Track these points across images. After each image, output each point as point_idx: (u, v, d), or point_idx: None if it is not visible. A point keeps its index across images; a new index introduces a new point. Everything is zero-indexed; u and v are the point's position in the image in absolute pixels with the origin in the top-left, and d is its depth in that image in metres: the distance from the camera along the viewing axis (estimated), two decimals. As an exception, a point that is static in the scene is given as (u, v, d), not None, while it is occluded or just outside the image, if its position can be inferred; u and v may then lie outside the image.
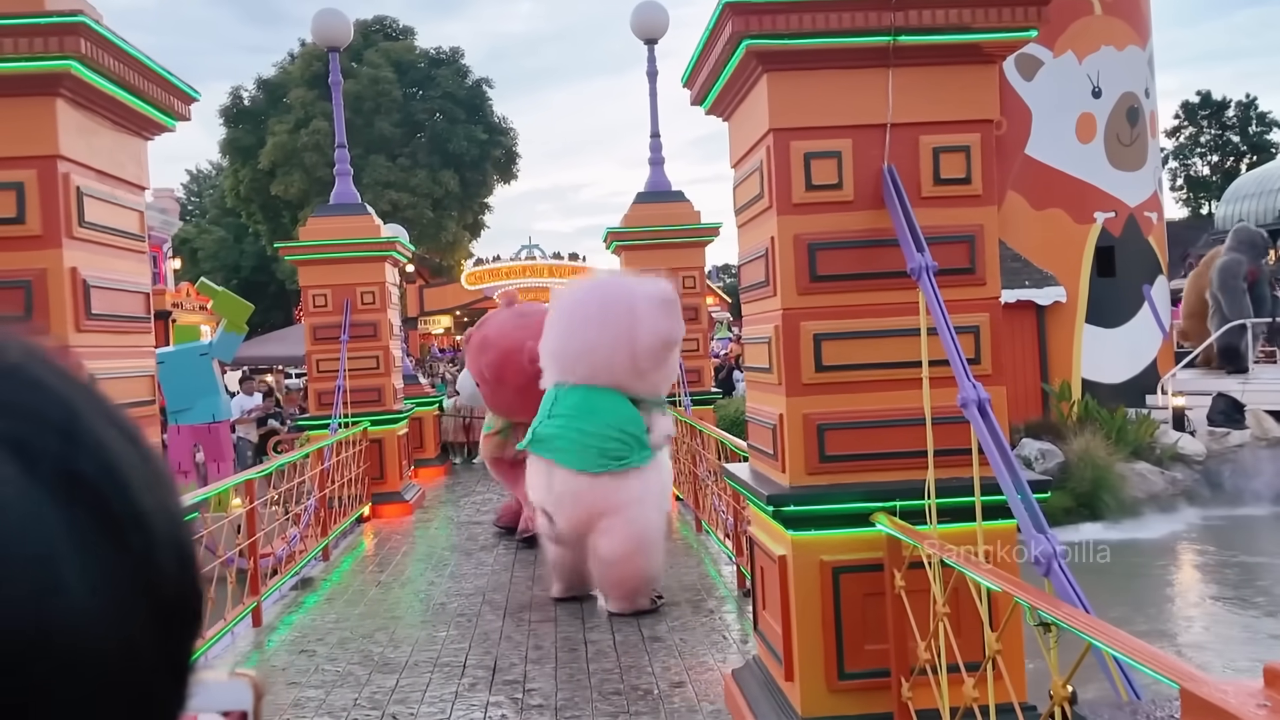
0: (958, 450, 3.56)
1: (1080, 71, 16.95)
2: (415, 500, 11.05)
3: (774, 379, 3.94)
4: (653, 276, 6.83)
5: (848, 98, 3.75)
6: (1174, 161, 49.13)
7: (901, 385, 3.73)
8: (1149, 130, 17.76)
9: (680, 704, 4.72)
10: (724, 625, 5.98)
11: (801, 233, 3.76)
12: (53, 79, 3.48)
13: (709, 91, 4.32)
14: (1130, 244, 17.20)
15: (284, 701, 4.98)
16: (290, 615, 6.69)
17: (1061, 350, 16.69)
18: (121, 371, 3.95)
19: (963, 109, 3.78)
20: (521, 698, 4.90)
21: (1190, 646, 8.66)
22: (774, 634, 4.07)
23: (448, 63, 34.65)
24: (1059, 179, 16.81)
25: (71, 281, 3.61)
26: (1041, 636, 2.53)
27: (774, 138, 3.77)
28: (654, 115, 11.71)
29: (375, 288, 10.77)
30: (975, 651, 3.39)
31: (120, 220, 4.02)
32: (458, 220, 34.02)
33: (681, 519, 9.43)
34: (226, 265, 41.58)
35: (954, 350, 3.32)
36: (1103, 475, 13.23)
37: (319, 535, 8.42)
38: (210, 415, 13.35)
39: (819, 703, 3.74)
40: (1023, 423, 14.45)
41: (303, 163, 31.06)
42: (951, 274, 3.68)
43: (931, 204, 3.76)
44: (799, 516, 3.77)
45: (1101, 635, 2.22)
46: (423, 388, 15.49)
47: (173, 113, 4.25)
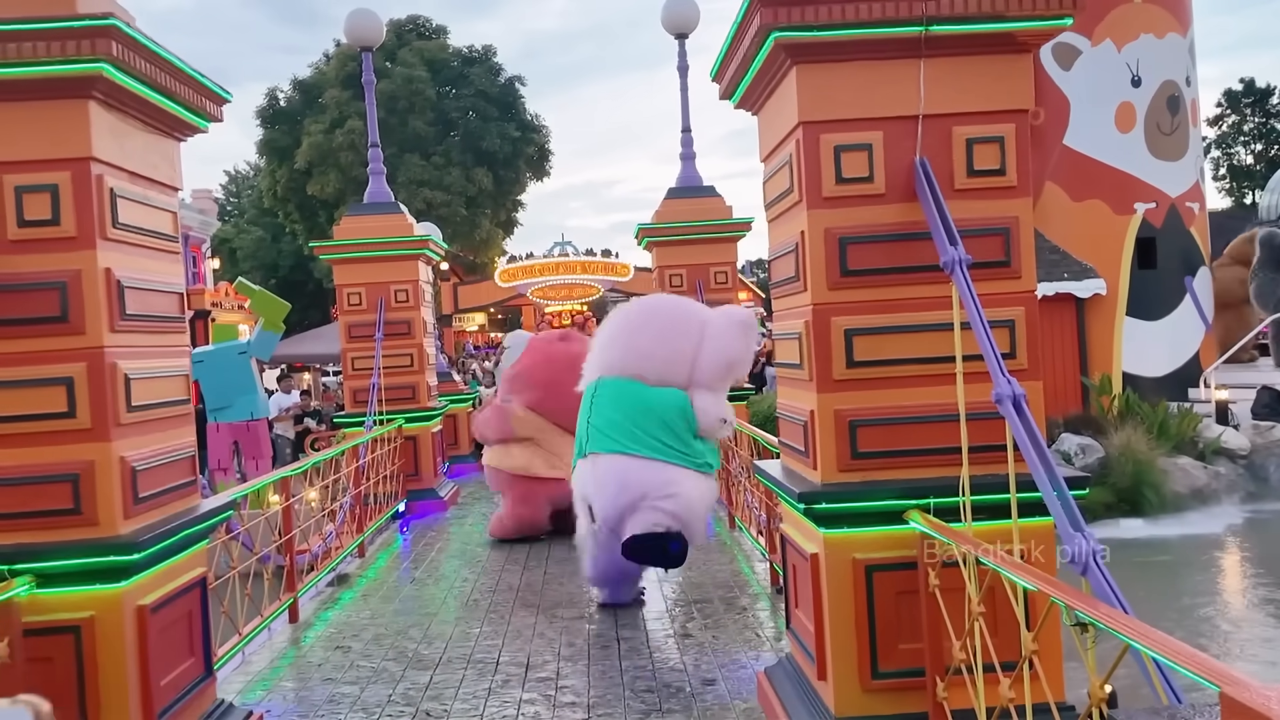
0: (993, 446, 3.50)
1: (1119, 60, 16.68)
2: (449, 497, 11.11)
3: (805, 375, 3.90)
4: (731, 306, 7.06)
5: (878, 89, 3.70)
6: (1216, 150, 48.25)
7: (935, 381, 3.68)
8: (1190, 119, 17.43)
9: (713, 701, 4.70)
10: (757, 622, 5.94)
11: (832, 226, 3.72)
12: (85, 82, 3.51)
13: (738, 85, 4.28)
14: (1172, 235, 16.91)
15: (320, 698, 5.02)
16: (326, 611, 6.75)
17: (1101, 343, 16.45)
18: (156, 371, 3.99)
19: (996, 99, 3.71)
20: (554, 695, 4.90)
21: (1232, 647, 8.49)
22: (807, 632, 4.03)
23: (480, 61, 34.81)
24: (1098, 169, 16.57)
25: (106, 282, 3.64)
26: (1079, 637, 2.48)
27: (803, 131, 3.72)
28: (685, 110, 11.68)
29: (409, 286, 10.83)
30: (1012, 651, 3.33)
31: (153, 221, 4.05)
32: (491, 218, 34.18)
33: (715, 515, 9.40)
34: (264, 264, 42.05)
35: (988, 345, 3.27)
36: (1144, 470, 13.02)
37: (355, 532, 8.48)
38: (249, 413, 13.54)
39: (853, 702, 3.70)
40: (1062, 417, 14.26)
41: (338, 162, 31.34)
42: (986, 267, 3.62)
43: (965, 196, 3.70)
44: (831, 514, 3.73)
45: (1140, 636, 2.17)
46: (456, 385, 15.57)
47: (204, 114, 4.28)
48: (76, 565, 3.52)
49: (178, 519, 3.96)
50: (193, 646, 4.14)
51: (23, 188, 3.55)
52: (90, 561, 3.54)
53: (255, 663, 5.67)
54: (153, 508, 3.87)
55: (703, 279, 10.98)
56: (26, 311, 3.57)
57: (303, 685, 5.27)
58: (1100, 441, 13.51)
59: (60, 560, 3.50)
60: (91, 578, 3.55)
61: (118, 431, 3.66)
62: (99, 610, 3.56)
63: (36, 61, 3.43)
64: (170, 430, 4.09)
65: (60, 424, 3.58)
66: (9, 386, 3.56)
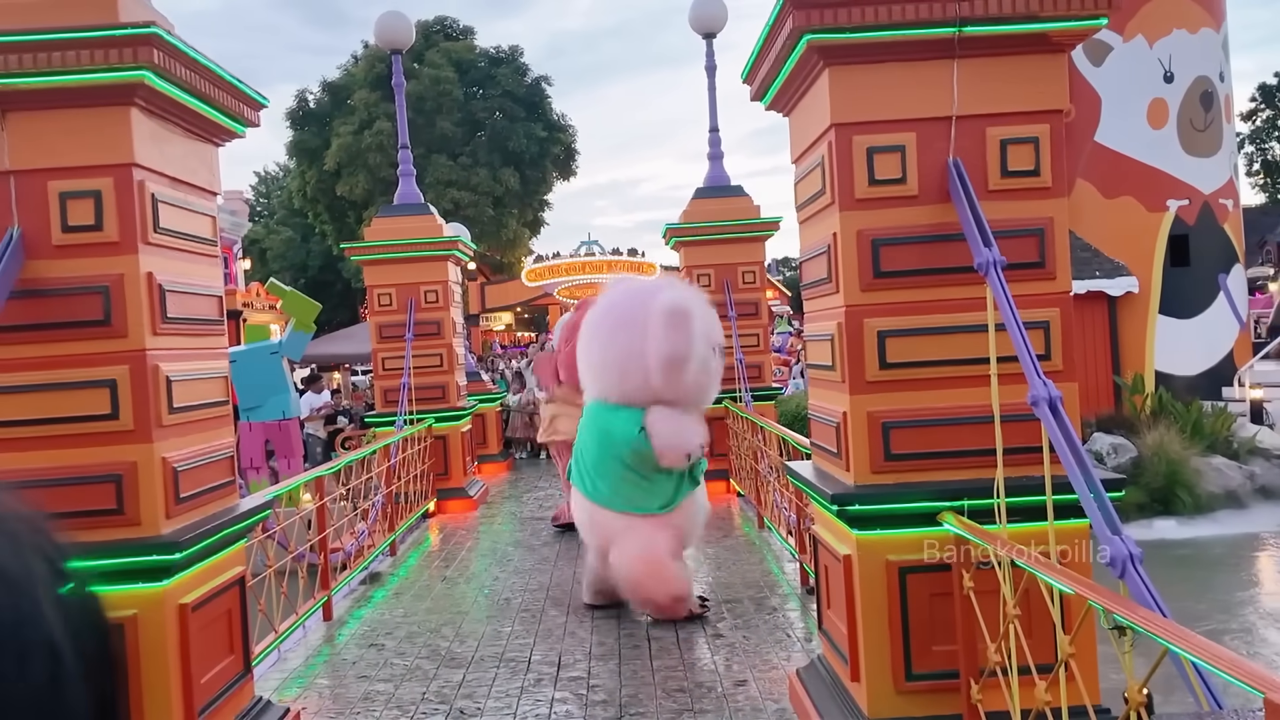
0: (1027, 448, 3.49)
1: (1151, 56, 16.52)
2: (479, 496, 11.17)
3: (837, 376, 3.90)
4: (673, 282, 6.44)
5: (911, 91, 3.69)
6: (1250, 146, 47.55)
7: (969, 382, 3.67)
8: (1224, 114, 17.23)
9: (744, 702, 4.71)
10: (787, 623, 5.94)
11: (865, 228, 3.71)
12: (127, 89, 3.57)
13: (769, 87, 4.29)
14: (1205, 232, 16.72)
15: (354, 695, 5.08)
16: (360, 609, 6.81)
17: (1134, 342, 16.30)
18: (197, 373, 4.05)
19: (1031, 99, 3.70)
20: (585, 694, 4.93)
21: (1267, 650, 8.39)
22: (839, 633, 4.03)
23: (507, 61, 34.94)
24: (1130, 166, 16.41)
25: (148, 286, 3.70)
26: (1116, 640, 2.47)
27: (836, 133, 3.72)
28: (713, 110, 11.66)
29: (438, 286, 10.90)
30: (1047, 653, 3.32)
31: (193, 226, 4.11)
32: (518, 218, 34.32)
33: (743, 515, 9.40)
34: (294, 265, 42.41)
35: (1024, 347, 3.26)
36: (1177, 470, 12.90)
37: (386, 531, 8.55)
38: (280, 413, 13.67)
39: (886, 704, 3.70)
40: (1094, 416, 14.14)
41: (367, 163, 31.57)
42: (1020, 269, 3.61)
43: (999, 197, 3.69)
44: (864, 515, 3.73)
45: (1179, 640, 2.16)
46: (485, 384, 15.64)
47: (242, 119, 4.34)
48: (119, 564, 3.58)
49: (218, 518, 4.02)
50: (232, 644, 4.20)
51: (67, 194, 3.61)
52: (133, 561, 3.60)
53: (291, 660, 5.74)
54: (193, 507, 3.93)
55: (730, 279, 10.97)
56: (71, 315, 3.63)
57: (338, 683, 5.33)
58: (1133, 441, 13.39)
59: (103, 560, 3.56)
60: (134, 577, 3.61)
61: (159, 433, 3.72)
62: (141, 609, 3.62)
63: (80, 70, 3.49)
64: (210, 431, 4.15)
65: (103, 425, 3.65)
66: (53, 389, 3.63)
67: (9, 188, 3.59)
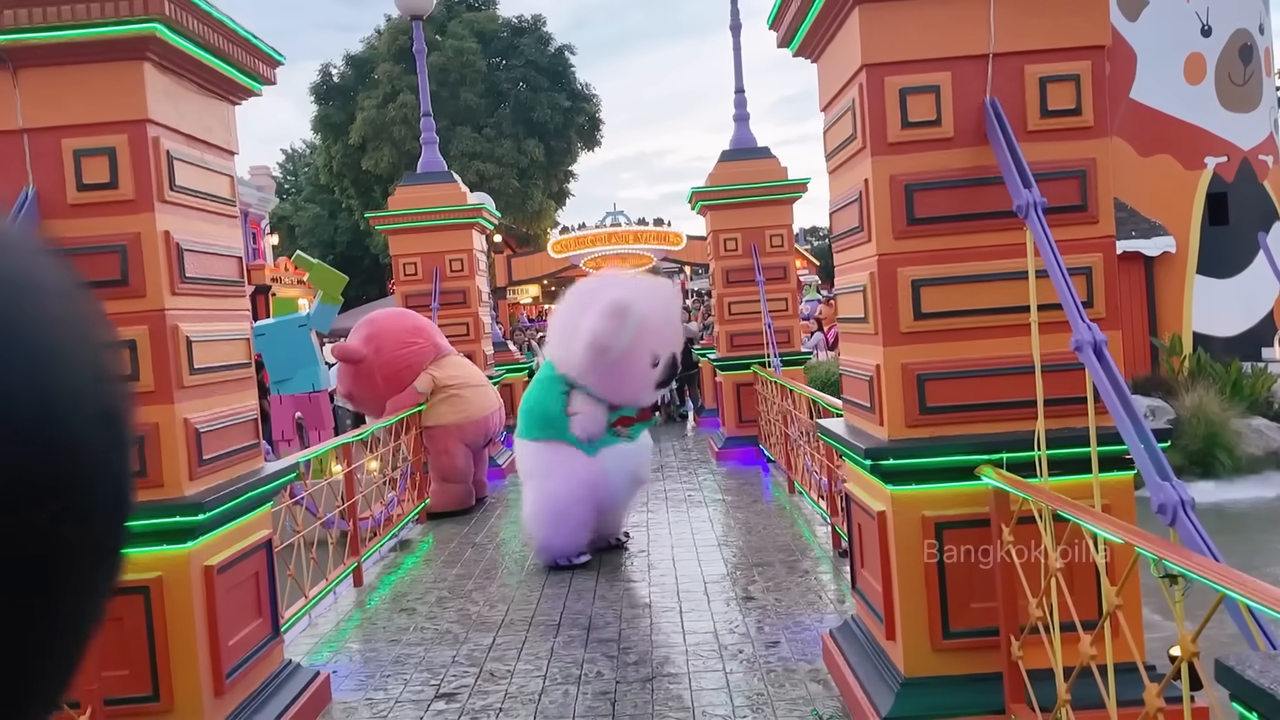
0: (1069, 399, 3.38)
1: (1188, 9, 16.06)
2: (507, 464, 11.14)
3: (870, 329, 3.79)
4: (653, 280, 7.23)
5: (945, 28, 3.55)
6: (1291, 102, 46.49)
7: (1007, 331, 3.55)
8: (1264, 68, 16.75)
9: (777, 663, 4.64)
10: (819, 585, 5.86)
11: (898, 173, 3.59)
12: (139, 42, 3.50)
13: (797, 31, 4.15)
14: (1244, 190, 16.31)
15: (386, 658, 5.06)
16: (390, 575, 6.80)
17: (1171, 303, 15.98)
18: (217, 334, 4.00)
19: (1071, 35, 3.54)
20: (617, 655, 4.88)
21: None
22: (874, 592, 3.94)
23: (530, 31, 34.64)
24: (1167, 123, 16.01)
25: (165, 245, 3.65)
26: (1167, 589, 2.36)
27: (867, 74, 3.59)
28: (738, 70, 11.46)
29: (463, 254, 10.83)
30: (1090, 609, 3.22)
31: (210, 184, 4.05)
32: (543, 189, 34.14)
33: (775, 480, 9.31)
34: (322, 240, 42.49)
35: (1067, 291, 3.13)
36: (1216, 432, 12.63)
37: (415, 499, 8.54)
38: (310, 385, 13.67)
39: (923, 662, 3.62)
40: (1131, 378, 13.84)
41: (391, 137, 31.48)
42: (1061, 212, 3.47)
43: (1038, 138, 3.54)
44: (899, 470, 3.63)
45: (1236, 585, 2.05)
46: (512, 354, 15.59)
47: (258, 76, 4.26)
48: (143, 526, 3.55)
49: (242, 481, 3.98)
50: (260, 607, 4.18)
51: (81, 151, 3.56)
52: (157, 522, 3.56)
53: (322, 625, 5.73)
54: (217, 470, 3.89)
55: (758, 242, 10.82)
56: (88, 275, 3.57)
57: (369, 646, 5.32)
58: (1171, 403, 13.13)
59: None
60: (158, 538, 3.58)
61: (181, 394, 3.68)
62: (166, 571, 3.60)
63: (90, 23, 3.43)
64: (233, 393, 4.11)
65: (124, 387, 3.60)
66: (74, 350, 3.58)
67: (23, 146, 3.54)
